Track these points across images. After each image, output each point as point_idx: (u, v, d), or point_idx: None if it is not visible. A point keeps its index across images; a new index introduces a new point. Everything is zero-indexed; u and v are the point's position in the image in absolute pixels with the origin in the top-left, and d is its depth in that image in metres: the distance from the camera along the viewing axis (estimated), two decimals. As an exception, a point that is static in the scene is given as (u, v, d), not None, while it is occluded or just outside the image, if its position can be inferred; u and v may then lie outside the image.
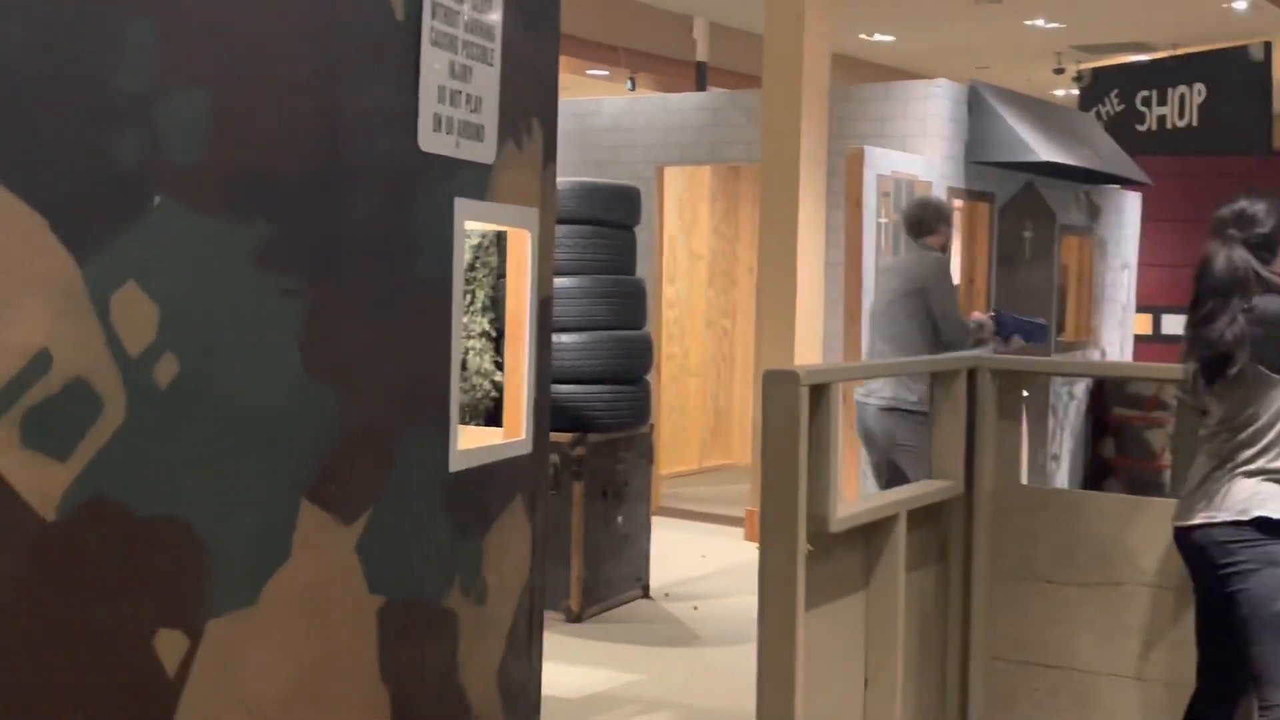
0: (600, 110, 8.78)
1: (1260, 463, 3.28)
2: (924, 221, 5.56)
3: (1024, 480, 4.12)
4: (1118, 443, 8.57)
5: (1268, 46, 11.78)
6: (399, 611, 2.77)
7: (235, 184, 2.31)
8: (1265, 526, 3.26)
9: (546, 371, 3.44)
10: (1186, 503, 3.42)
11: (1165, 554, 3.73)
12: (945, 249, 5.64)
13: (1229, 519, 3.29)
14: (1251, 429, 3.29)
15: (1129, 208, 9.98)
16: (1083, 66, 13.15)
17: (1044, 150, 7.56)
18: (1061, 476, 8.36)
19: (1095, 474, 8.66)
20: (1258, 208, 3.36)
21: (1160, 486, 7.92)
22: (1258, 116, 11.86)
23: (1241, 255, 3.31)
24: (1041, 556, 3.95)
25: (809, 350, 7.27)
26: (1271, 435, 3.27)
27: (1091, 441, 8.69)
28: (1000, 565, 4.00)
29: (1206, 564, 3.35)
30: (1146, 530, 3.79)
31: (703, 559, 7.20)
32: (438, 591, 2.92)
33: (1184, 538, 3.42)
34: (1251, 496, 3.27)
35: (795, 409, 3.16)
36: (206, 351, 2.26)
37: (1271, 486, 3.27)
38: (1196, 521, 3.36)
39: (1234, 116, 11.95)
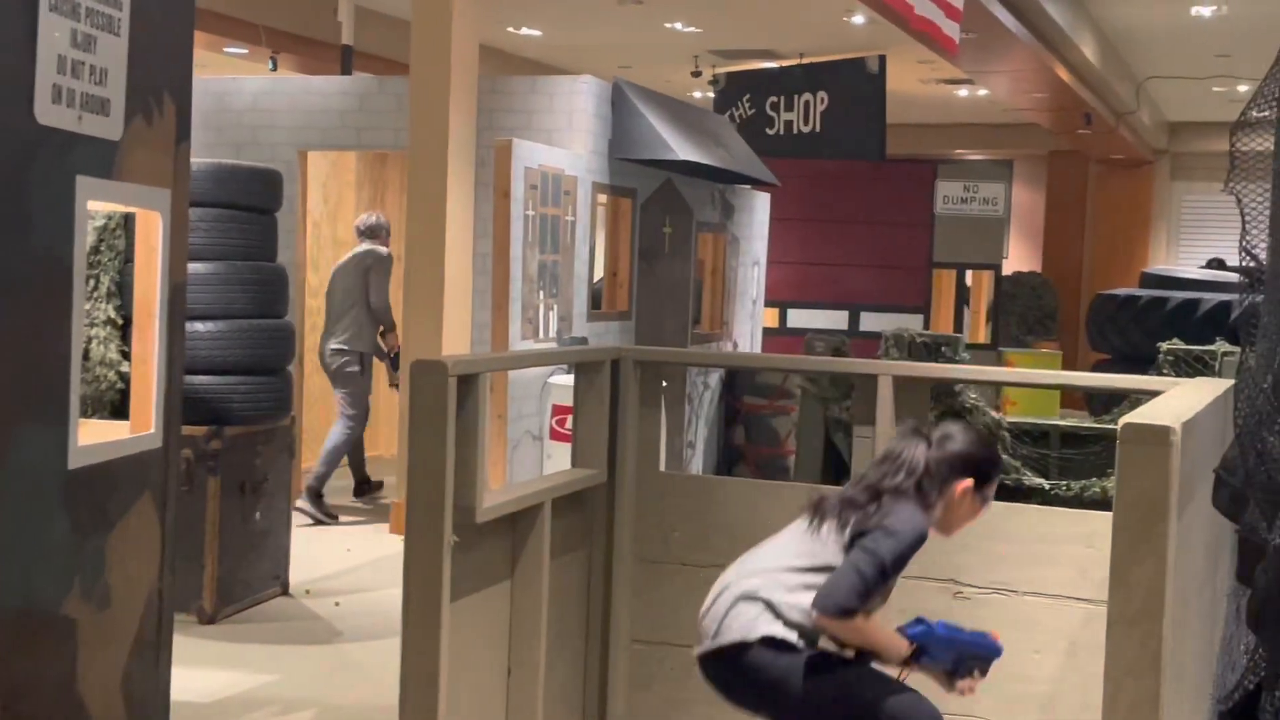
0: (239, 90, 8.43)
1: (752, 584, 3.17)
2: (377, 229, 8.17)
3: (662, 467, 4.27)
4: (747, 430, 9.05)
5: (882, 59, 12.73)
6: (10, 621, 2.57)
7: None
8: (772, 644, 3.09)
9: (179, 361, 3.28)
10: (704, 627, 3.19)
11: (790, 535, 3.94)
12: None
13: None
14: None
15: (759, 207, 10.52)
16: (718, 71, 13.79)
17: (682, 149, 7.85)
18: (697, 463, 8.73)
19: (727, 460, 9.11)
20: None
21: (785, 471, 8.42)
22: (873, 124, 12.80)
23: None
24: (678, 540, 4.11)
25: (457, 341, 7.26)
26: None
27: (724, 429, 9.14)
28: (640, 550, 4.13)
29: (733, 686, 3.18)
30: (772, 513, 4.01)
31: (347, 553, 7.07)
32: (54, 597, 2.73)
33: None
34: (756, 619, 3.12)
35: (443, 399, 3.15)
36: None
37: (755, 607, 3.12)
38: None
39: (852, 123, 12.85)
